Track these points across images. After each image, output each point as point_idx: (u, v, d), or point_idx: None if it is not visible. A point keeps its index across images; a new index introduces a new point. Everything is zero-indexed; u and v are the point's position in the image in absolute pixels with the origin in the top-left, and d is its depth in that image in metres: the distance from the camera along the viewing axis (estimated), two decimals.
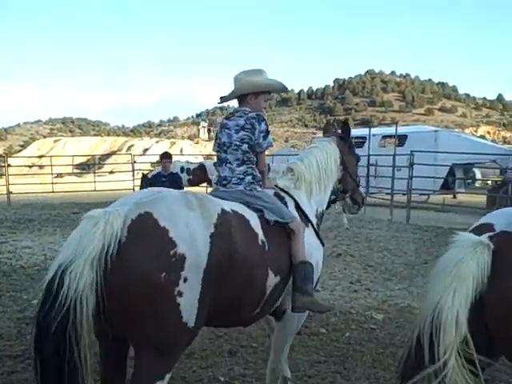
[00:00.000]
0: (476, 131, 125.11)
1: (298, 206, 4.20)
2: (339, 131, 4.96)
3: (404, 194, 18.13)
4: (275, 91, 4.43)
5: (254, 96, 4.16)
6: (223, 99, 4.36)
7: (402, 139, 23.22)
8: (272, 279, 3.60)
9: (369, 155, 19.95)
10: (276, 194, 4.15)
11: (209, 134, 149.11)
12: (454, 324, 2.78)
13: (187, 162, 21.92)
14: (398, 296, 8.25)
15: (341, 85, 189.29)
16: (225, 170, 4.03)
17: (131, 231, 2.91)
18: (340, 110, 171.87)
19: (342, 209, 5.34)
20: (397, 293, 8.43)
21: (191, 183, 19.98)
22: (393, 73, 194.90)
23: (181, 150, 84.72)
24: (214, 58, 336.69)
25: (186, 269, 2.93)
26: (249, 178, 3.97)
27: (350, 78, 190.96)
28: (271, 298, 3.70)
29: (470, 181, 25.90)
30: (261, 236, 3.57)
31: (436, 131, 24.26)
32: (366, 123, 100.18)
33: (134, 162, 27.24)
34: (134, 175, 26.14)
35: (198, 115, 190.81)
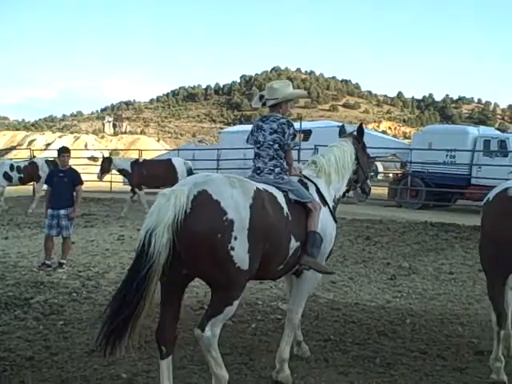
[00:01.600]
0: (378, 127, 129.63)
1: (318, 191, 5.27)
2: (355, 133, 6.13)
3: None
4: (301, 98, 5.64)
5: (285, 103, 5.29)
6: (260, 103, 5.46)
7: (306, 134, 23.63)
8: (293, 243, 4.69)
9: None
10: (300, 181, 5.22)
11: (114, 128, 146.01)
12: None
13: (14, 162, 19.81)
14: None
15: (247, 81, 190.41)
16: (259, 162, 5.15)
17: (193, 204, 3.99)
18: (247, 105, 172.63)
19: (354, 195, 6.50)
20: None
21: (22, 181, 18.75)
22: (298, 70, 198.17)
23: (85, 145, 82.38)
24: (119, 52, 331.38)
25: (235, 230, 4.04)
26: (278, 169, 5.06)
27: (257, 74, 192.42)
28: (292, 258, 4.75)
29: (372, 174, 26.71)
30: (285, 209, 4.66)
31: (339, 126, 24.80)
32: None
33: (34, 156, 26.28)
34: None
35: (103, 110, 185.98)
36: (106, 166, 16.59)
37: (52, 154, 25.35)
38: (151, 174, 16.52)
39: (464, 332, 6.44)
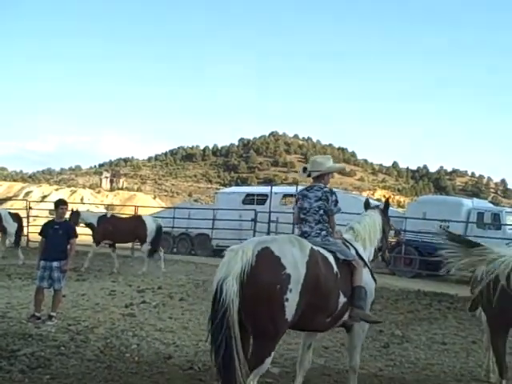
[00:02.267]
0: (373, 194, 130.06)
1: (357, 253, 5.86)
2: (381, 207, 6.92)
3: None
4: (339, 171, 7.49)
5: (327, 174, 6.05)
6: (305, 175, 6.18)
7: None
8: (342, 298, 5.30)
9: (270, 212, 20.23)
10: (343, 243, 5.79)
11: (111, 184, 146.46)
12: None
13: None
14: (295, 349, 8.20)
15: (245, 144, 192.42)
16: (305, 227, 5.81)
17: (258, 258, 4.62)
18: (244, 167, 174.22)
19: None
20: (294, 346, 8.40)
21: None
22: (296, 136, 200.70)
23: (81, 199, 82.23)
24: (117, 110, 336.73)
25: (291, 283, 4.64)
26: (324, 232, 5.72)
27: (255, 138, 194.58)
28: (340, 312, 5.36)
29: None
30: (335, 268, 5.28)
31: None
32: (268, 182, 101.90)
33: (30, 208, 26.30)
34: (28, 221, 25.09)
35: (101, 165, 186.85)
36: (74, 219, 16.56)
37: (48, 206, 25.36)
38: (119, 230, 16.60)
39: None
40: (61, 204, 10.01)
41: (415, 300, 13.41)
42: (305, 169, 6.20)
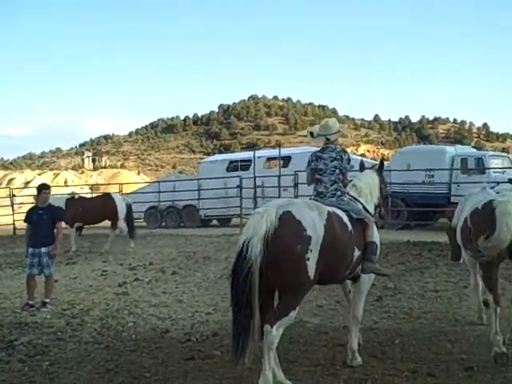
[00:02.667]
0: (357, 150, 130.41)
1: (364, 208, 6.28)
2: (377, 167, 7.21)
3: None
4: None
5: (337, 135, 6.40)
6: (313, 138, 6.53)
7: (286, 160, 23.72)
8: (356, 252, 5.69)
9: (255, 177, 20.20)
10: (351, 200, 6.19)
11: (94, 163, 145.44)
12: None
13: None
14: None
15: (225, 110, 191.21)
16: (321, 187, 6.10)
17: (281, 222, 4.96)
18: (226, 134, 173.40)
19: None
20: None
21: None
22: (275, 97, 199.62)
23: (65, 181, 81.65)
24: (92, 88, 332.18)
25: (311, 244, 5.01)
26: (338, 192, 6.05)
27: (234, 103, 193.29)
28: (355, 265, 5.77)
29: None
30: (349, 227, 5.65)
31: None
32: (252, 146, 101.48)
33: (13, 195, 26.11)
34: (13, 209, 24.92)
35: (82, 145, 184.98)
36: None
37: (33, 191, 25.18)
38: (88, 211, 16.44)
39: (453, 349, 6.44)
40: (43, 188, 9.93)
41: (405, 251, 13.50)
42: (311, 133, 6.57)
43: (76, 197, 18.45)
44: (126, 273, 12.10)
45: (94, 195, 22.92)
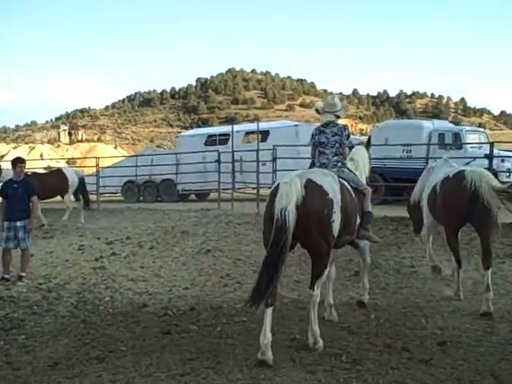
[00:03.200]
0: None
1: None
2: (365, 143, 8.03)
3: (269, 188, 18.42)
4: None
5: (344, 112, 7.09)
6: (327, 113, 6.95)
7: (264, 135, 23.61)
8: (357, 220, 6.28)
9: (233, 151, 20.11)
10: (350, 172, 6.73)
11: (70, 137, 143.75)
12: None
13: None
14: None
15: (203, 84, 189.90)
16: (323, 159, 6.67)
17: (307, 190, 5.47)
18: (204, 108, 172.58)
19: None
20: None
21: None
22: (253, 71, 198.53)
23: (41, 155, 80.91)
24: (68, 60, 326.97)
25: (334, 206, 5.61)
26: (339, 163, 6.63)
27: (212, 76, 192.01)
28: (355, 231, 6.34)
29: None
30: (353, 194, 6.19)
31: (296, 125, 24.91)
32: (230, 121, 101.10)
33: None
34: None
35: (58, 118, 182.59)
36: None
37: (7, 165, 24.86)
38: (42, 186, 16.25)
39: (427, 324, 6.53)
40: (18, 162, 9.80)
41: (382, 226, 13.57)
42: (316, 110, 7.12)
43: (29, 173, 18.19)
44: (103, 247, 12.04)
45: (47, 171, 22.52)
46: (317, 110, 7.08)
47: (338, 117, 6.93)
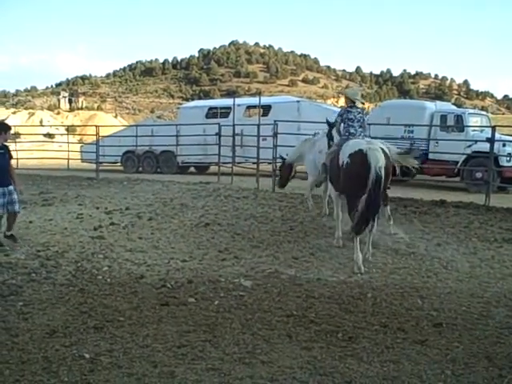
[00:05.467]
0: (337, 102, 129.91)
1: None
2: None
3: (270, 163, 18.42)
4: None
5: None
6: (358, 100, 9.71)
7: (266, 109, 23.51)
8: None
9: (234, 125, 20.02)
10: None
11: (70, 104, 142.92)
12: None
13: None
14: (266, 262, 8.41)
15: (205, 55, 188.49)
16: (352, 129, 9.14)
17: (383, 154, 7.94)
18: (206, 80, 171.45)
19: None
20: (264, 259, 8.58)
21: None
22: (256, 44, 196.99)
23: (41, 121, 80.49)
24: (70, 27, 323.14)
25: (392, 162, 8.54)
26: (363, 134, 9.20)
27: (215, 48, 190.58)
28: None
29: None
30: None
31: (298, 101, 24.76)
32: (231, 94, 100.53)
33: None
34: None
35: (58, 85, 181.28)
36: None
37: None
38: None
39: (423, 305, 6.56)
40: (9, 128, 9.80)
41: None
42: (347, 95, 9.84)
43: None
44: (102, 217, 12.04)
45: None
46: (347, 96, 9.77)
47: (363, 103, 9.34)
